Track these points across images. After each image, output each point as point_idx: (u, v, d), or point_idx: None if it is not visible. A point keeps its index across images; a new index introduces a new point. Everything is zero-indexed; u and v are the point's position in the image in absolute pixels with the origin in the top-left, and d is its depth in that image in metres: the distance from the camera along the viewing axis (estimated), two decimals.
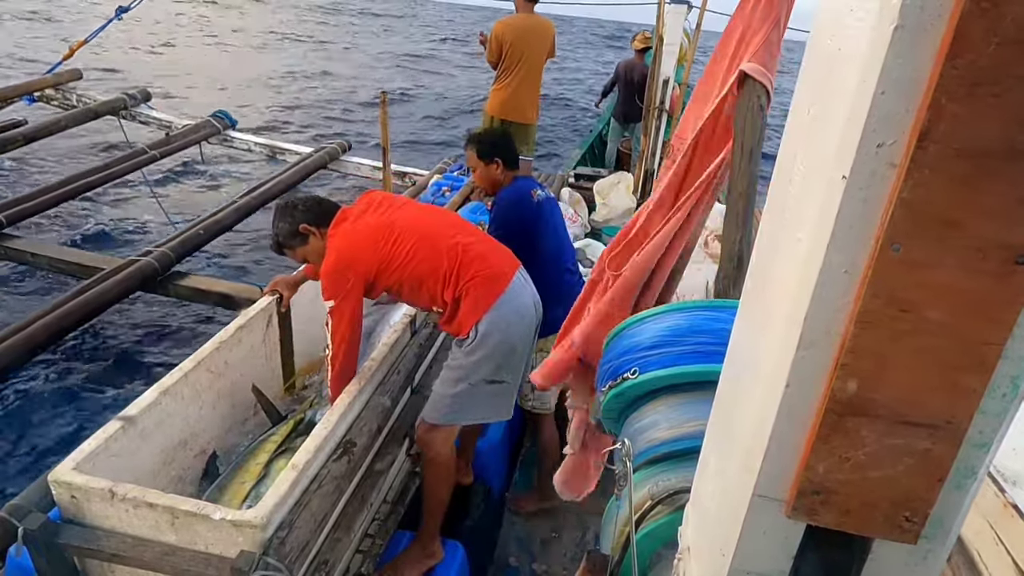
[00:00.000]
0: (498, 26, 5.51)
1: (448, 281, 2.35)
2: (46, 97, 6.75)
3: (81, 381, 4.51)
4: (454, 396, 2.40)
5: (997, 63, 0.50)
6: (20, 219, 4.79)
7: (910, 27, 0.52)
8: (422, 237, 2.38)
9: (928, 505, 0.68)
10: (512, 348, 2.39)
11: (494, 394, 2.43)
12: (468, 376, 2.38)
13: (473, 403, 2.42)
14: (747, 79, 1.69)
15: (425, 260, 2.36)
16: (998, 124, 0.52)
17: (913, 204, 0.56)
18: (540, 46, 5.48)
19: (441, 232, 2.42)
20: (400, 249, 2.35)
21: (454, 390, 2.40)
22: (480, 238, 2.51)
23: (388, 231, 2.37)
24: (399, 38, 18.41)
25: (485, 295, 2.35)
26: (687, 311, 1.59)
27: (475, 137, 3.18)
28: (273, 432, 2.59)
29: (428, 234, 2.39)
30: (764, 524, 0.75)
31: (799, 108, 0.71)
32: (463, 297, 2.35)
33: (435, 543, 2.52)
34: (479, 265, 2.37)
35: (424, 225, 2.43)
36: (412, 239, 2.36)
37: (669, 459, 1.44)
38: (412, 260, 2.35)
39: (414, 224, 2.41)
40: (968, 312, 0.59)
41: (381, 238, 2.36)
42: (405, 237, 2.36)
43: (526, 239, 2.93)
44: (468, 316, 2.36)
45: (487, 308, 2.34)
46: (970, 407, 0.63)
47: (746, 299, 0.86)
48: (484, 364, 2.37)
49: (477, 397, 2.40)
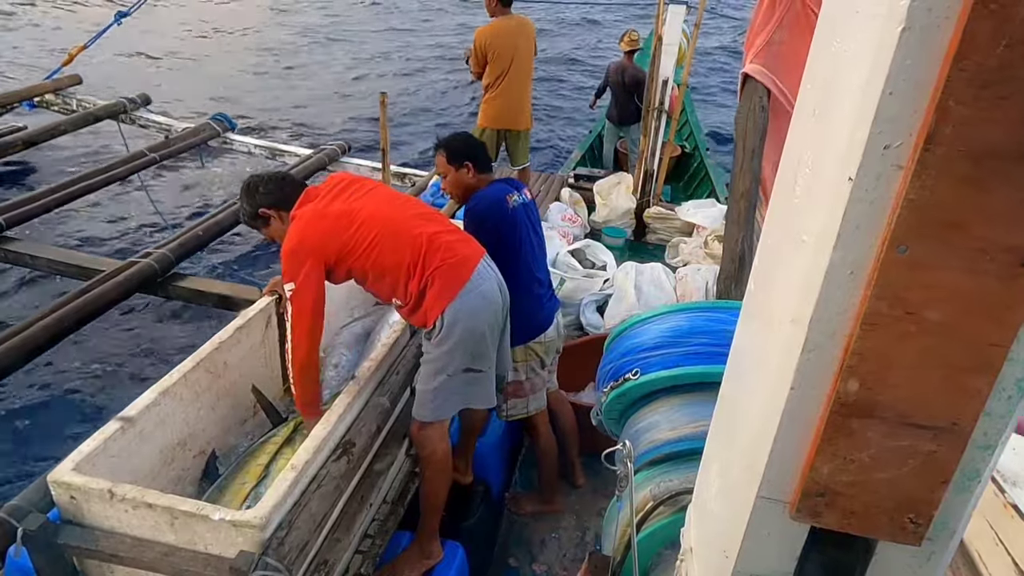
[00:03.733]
0: (479, 35, 5.32)
1: (412, 273, 2.33)
2: (46, 102, 6.74)
3: (81, 382, 4.50)
4: (435, 390, 2.38)
5: (1005, 65, 0.50)
6: (20, 222, 4.78)
7: (917, 29, 0.52)
8: (385, 227, 2.35)
9: (932, 507, 0.68)
10: (481, 335, 2.37)
11: (471, 382, 2.41)
12: (444, 368, 2.36)
13: (453, 393, 2.41)
14: (749, 80, 1.69)
15: (388, 252, 2.34)
16: (1005, 126, 0.52)
17: (919, 206, 0.56)
18: (526, 47, 5.34)
19: (406, 222, 2.39)
20: (362, 238, 2.32)
21: (433, 384, 2.38)
22: (445, 227, 2.49)
23: (350, 218, 2.34)
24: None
25: (449, 284, 2.32)
26: (688, 312, 1.59)
27: (444, 141, 3.01)
28: (274, 433, 2.59)
29: (392, 225, 2.37)
30: (768, 526, 0.75)
31: (804, 109, 0.71)
32: (428, 287, 2.33)
33: (433, 543, 2.52)
34: (444, 254, 2.34)
35: (388, 215, 2.40)
36: (375, 229, 2.33)
37: (671, 460, 1.44)
38: (374, 250, 2.33)
39: (378, 213, 2.38)
40: (974, 314, 0.59)
41: (342, 225, 2.33)
42: (368, 226, 2.34)
43: (498, 246, 2.75)
44: (433, 306, 2.33)
45: (451, 297, 2.31)
46: (975, 409, 0.63)
47: (749, 300, 0.86)
48: (456, 354, 2.35)
49: (456, 387, 2.39)
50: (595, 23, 18.81)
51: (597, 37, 17.48)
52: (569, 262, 4.57)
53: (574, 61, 15.09)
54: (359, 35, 16.89)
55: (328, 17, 18.52)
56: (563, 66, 14.57)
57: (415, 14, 19.50)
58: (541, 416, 3.11)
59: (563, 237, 5.10)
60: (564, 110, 11.85)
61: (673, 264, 5.15)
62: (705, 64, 15.36)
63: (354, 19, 18.54)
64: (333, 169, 6.64)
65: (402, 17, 19.21)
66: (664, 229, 5.92)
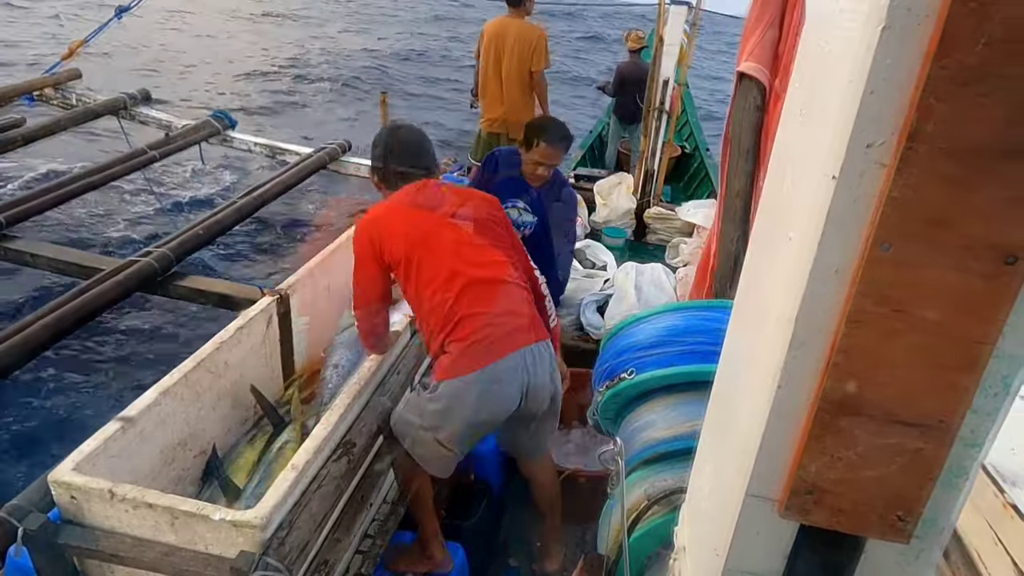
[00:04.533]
0: (485, 24, 5.41)
1: (441, 331, 2.25)
2: (45, 97, 6.74)
3: (81, 382, 4.51)
4: (406, 424, 2.34)
5: (985, 63, 0.50)
6: (19, 220, 4.78)
7: (897, 28, 0.52)
8: (442, 282, 2.23)
9: (920, 504, 0.68)
10: (467, 425, 2.27)
11: (434, 451, 2.33)
12: (422, 419, 2.30)
13: (417, 444, 2.34)
14: (743, 78, 1.69)
15: (431, 305, 2.26)
16: (987, 124, 0.52)
17: (903, 203, 0.56)
18: (512, 52, 5.22)
19: (455, 265, 2.26)
20: (415, 274, 2.26)
21: (408, 418, 2.34)
22: (510, 293, 2.31)
23: (417, 247, 2.26)
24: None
25: (467, 363, 2.20)
26: (684, 311, 1.59)
27: (568, 135, 3.36)
28: (278, 434, 2.60)
29: (449, 281, 2.24)
30: (757, 524, 0.76)
31: (791, 108, 0.71)
32: (445, 352, 2.26)
33: (434, 547, 2.52)
34: (482, 330, 2.21)
35: (453, 264, 2.26)
36: (430, 275, 2.24)
37: (666, 459, 1.44)
38: (420, 293, 2.27)
39: (443, 260, 2.26)
40: (959, 311, 0.59)
41: (406, 248, 2.26)
42: (424, 267, 2.25)
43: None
44: (441, 370, 2.26)
45: (458, 375, 2.21)
46: (962, 406, 0.63)
47: (740, 299, 0.86)
48: (438, 423, 2.26)
49: (422, 443, 2.33)
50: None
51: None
52: None
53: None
54: (367, 27, 16.89)
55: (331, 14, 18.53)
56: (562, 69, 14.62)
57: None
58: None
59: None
60: (562, 113, 11.87)
61: (673, 264, 5.15)
62: (704, 63, 15.36)
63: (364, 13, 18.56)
64: (334, 168, 6.63)
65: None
66: (664, 229, 5.93)
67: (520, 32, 5.24)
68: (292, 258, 6.49)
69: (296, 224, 7.38)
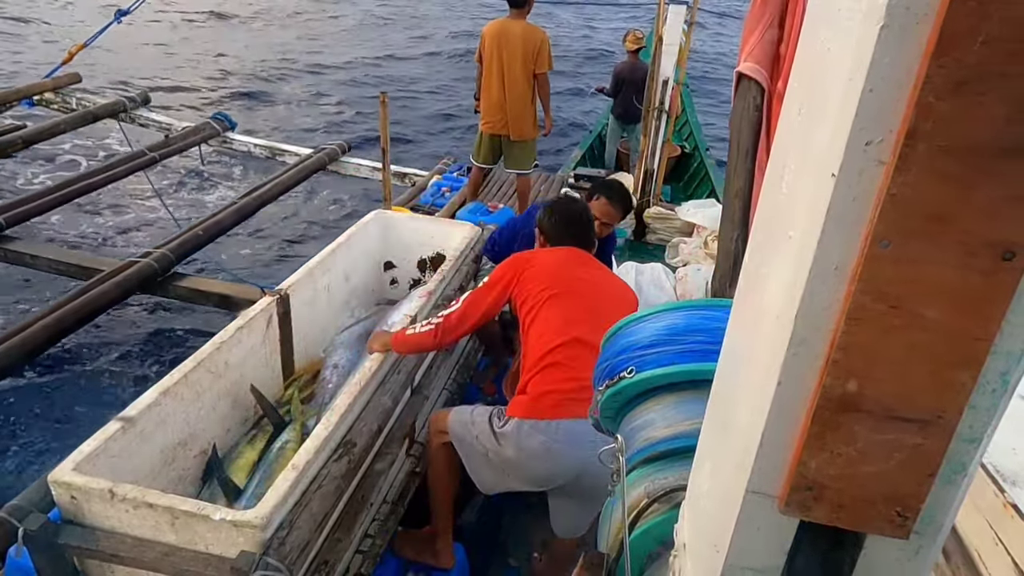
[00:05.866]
0: (486, 26, 5.40)
1: (531, 369, 2.34)
2: (45, 101, 6.75)
3: (81, 382, 4.52)
4: (468, 438, 2.40)
5: (983, 62, 0.51)
6: (20, 221, 4.79)
7: (896, 26, 0.53)
8: (557, 327, 2.36)
9: (919, 500, 0.68)
10: (521, 475, 2.34)
11: (481, 466, 2.41)
12: (485, 445, 2.35)
13: (471, 459, 2.42)
14: (742, 79, 1.69)
15: (536, 343, 2.37)
16: (986, 122, 0.53)
17: (902, 201, 0.57)
18: (515, 53, 5.21)
19: (581, 322, 2.36)
20: (536, 314, 2.40)
21: (474, 434, 2.38)
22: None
23: (551, 292, 2.42)
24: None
25: (541, 408, 2.27)
26: (684, 310, 1.59)
27: (628, 198, 3.58)
28: (278, 434, 2.61)
29: (563, 329, 2.35)
30: (758, 520, 0.76)
31: (790, 107, 0.72)
32: (526, 392, 2.33)
33: (442, 542, 2.53)
34: (561, 379, 2.29)
35: (573, 317, 2.38)
36: (549, 315, 2.38)
37: (666, 457, 1.44)
38: (531, 329, 2.40)
39: (566, 311, 2.39)
40: (958, 308, 0.60)
41: (541, 290, 2.42)
42: (547, 309, 2.39)
43: None
44: (515, 406, 2.33)
45: (532, 416, 2.27)
46: (960, 402, 0.64)
47: (739, 297, 0.86)
48: (498, 459, 2.32)
49: (477, 461, 2.40)
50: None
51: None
52: None
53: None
54: (364, 30, 16.91)
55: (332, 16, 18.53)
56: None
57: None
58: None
59: None
60: (563, 119, 11.87)
61: (673, 264, 5.16)
62: (703, 62, 15.37)
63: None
64: (333, 169, 6.64)
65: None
66: (664, 229, 5.94)
67: (524, 34, 5.23)
68: (292, 258, 6.49)
69: (296, 224, 7.39)
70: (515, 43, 5.21)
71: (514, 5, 5.24)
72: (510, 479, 2.37)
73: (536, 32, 5.29)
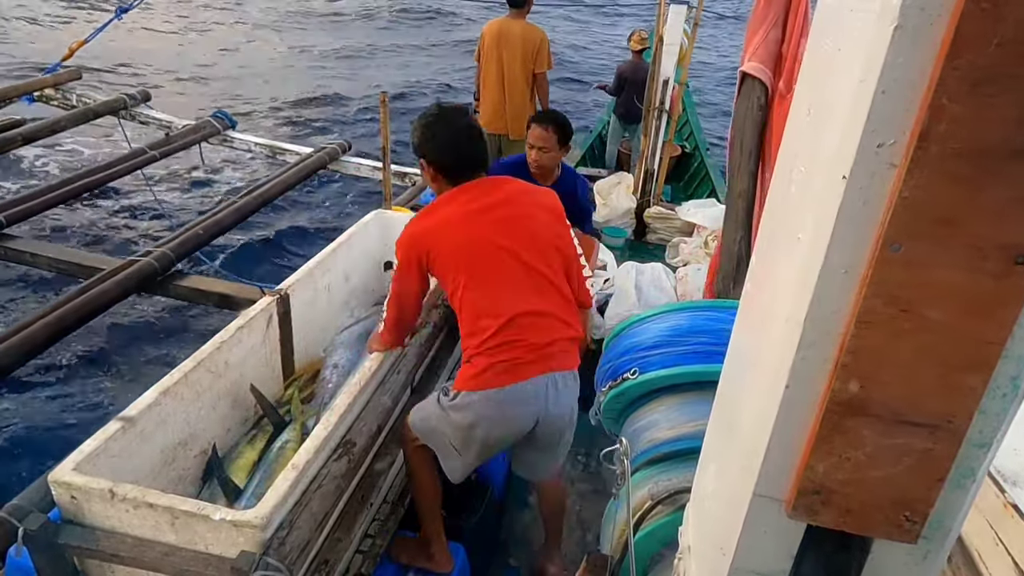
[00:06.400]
0: (483, 30, 5.41)
1: (475, 345, 2.24)
2: (45, 97, 6.73)
3: (81, 381, 4.51)
4: (427, 427, 2.36)
5: (997, 63, 0.50)
6: (20, 219, 4.78)
7: (910, 27, 0.52)
8: (482, 289, 2.21)
9: (928, 505, 0.68)
10: (478, 439, 2.27)
11: (447, 454, 2.34)
12: (440, 424, 2.31)
13: (435, 446, 2.36)
14: (746, 78, 1.69)
15: (469, 313, 2.25)
16: (998, 124, 0.52)
17: (913, 204, 0.56)
18: (514, 54, 5.23)
19: (507, 293, 2.22)
20: (460, 282, 2.23)
21: (430, 422, 2.35)
22: (548, 306, 2.26)
23: (460, 254, 2.22)
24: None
25: (491, 376, 2.21)
26: (688, 311, 1.59)
27: (560, 119, 3.19)
28: (278, 434, 2.60)
29: (491, 290, 2.21)
30: (764, 524, 0.75)
31: (799, 108, 0.71)
32: (475, 359, 2.25)
33: (436, 546, 2.51)
34: (513, 350, 2.19)
35: (495, 277, 2.23)
36: (475, 284, 2.21)
37: (669, 459, 1.44)
38: (461, 299, 2.25)
39: (487, 272, 2.22)
40: (968, 312, 0.59)
41: (455, 264, 2.23)
42: (472, 276, 2.21)
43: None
44: (462, 380, 2.27)
45: (479, 388, 2.22)
46: (970, 407, 0.63)
47: (746, 299, 0.86)
48: (452, 431, 2.28)
49: (440, 447, 2.35)
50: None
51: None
52: None
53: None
54: (363, 30, 16.90)
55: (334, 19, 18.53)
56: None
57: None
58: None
59: None
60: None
61: (673, 264, 5.15)
62: (702, 61, 15.38)
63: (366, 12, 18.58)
64: (334, 168, 6.63)
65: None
66: (664, 229, 5.93)
67: (523, 33, 5.26)
68: (292, 258, 6.49)
69: (296, 224, 7.38)
70: (515, 42, 5.23)
71: (513, 5, 5.27)
72: (470, 454, 2.32)
73: (535, 31, 5.31)
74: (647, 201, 6.01)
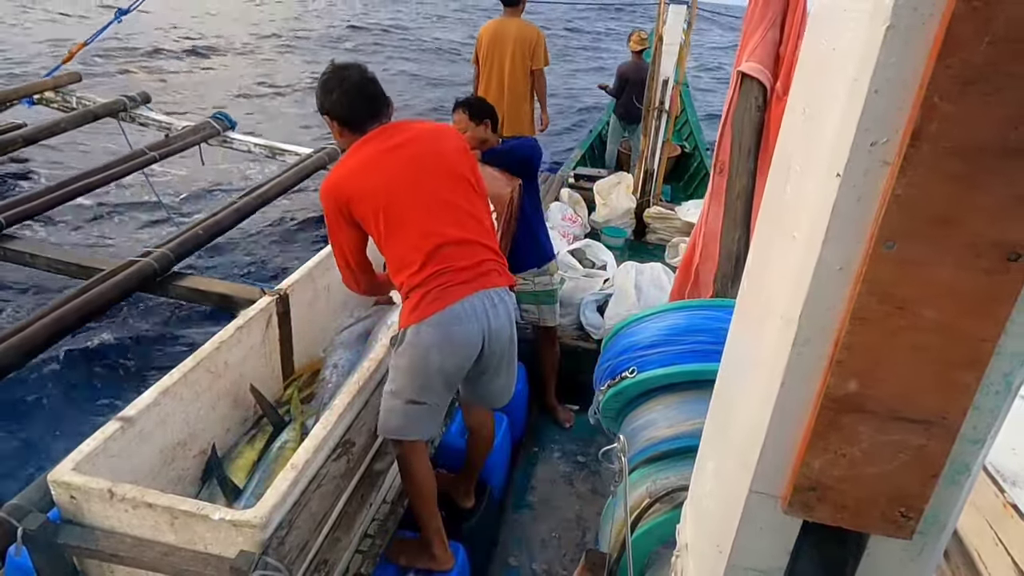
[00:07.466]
0: (480, 31, 5.44)
1: (408, 284, 2.27)
2: (45, 100, 6.74)
3: (80, 382, 4.51)
4: (387, 411, 2.33)
5: (989, 62, 0.51)
6: (19, 220, 4.78)
7: (902, 27, 0.53)
8: (403, 225, 2.25)
9: (923, 501, 0.68)
10: (432, 371, 2.26)
11: (409, 413, 2.31)
12: (395, 390, 2.30)
13: (399, 420, 2.33)
14: (745, 79, 1.69)
15: (395, 251, 2.29)
16: (990, 122, 0.53)
17: (907, 202, 0.57)
18: (513, 53, 5.26)
19: (427, 225, 2.27)
20: (380, 223, 2.26)
21: (386, 405, 2.32)
22: (468, 234, 2.32)
23: (377, 196, 2.26)
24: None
25: (428, 303, 2.22)
26: (686, 310, 1.59)
27: (464, 101, 3.46)
28: (278, 434, 2.60)
29: (411, 225, 2.26)
30: (761, 520, 0.76)
31: (794, 107, 0.72)
32: (411, 294, 2.26)
33: (436, 545, 2.51)
34: (445, 277, 2.23)
35: (413, 212, 2.28)
36: (395, 222, 2.25)
37: (667, 457, 1.44)
38: (385, 239, 2.28)
39: (404, 209, 2.27)
40: (962, 309, 0.60)
41: (373, 206, 2.26)
42: (390, 216, 2.25)
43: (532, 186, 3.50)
44: (406, 314, 2.27)
45: (421, 318, 2.22)
46: (964, 403, 0.64)
47: (742, 297, 0.86)
48: (408, 379, 2.27)
49: (401, 415, 2.32)
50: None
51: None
52: (569, 262, 4.58)
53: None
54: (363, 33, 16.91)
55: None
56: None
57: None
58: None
59: (563, 237, 5.11)
60: (562, 115, 11.88)
61: (673, 264, 5.15)
62: (701, 61, 15.38)
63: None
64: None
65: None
66: (664, 229, 5.93)
67: (520, 32, 5.28)
68: (292, 258, 6.48)
69: (296, 224, 7.38)
70: (511, 41, 5.26)
71: (508, 4, 5.29)
72: (433, 395, 2.31)
73: (531, 29, 5.35)
74: (647, 201, 6.01)
